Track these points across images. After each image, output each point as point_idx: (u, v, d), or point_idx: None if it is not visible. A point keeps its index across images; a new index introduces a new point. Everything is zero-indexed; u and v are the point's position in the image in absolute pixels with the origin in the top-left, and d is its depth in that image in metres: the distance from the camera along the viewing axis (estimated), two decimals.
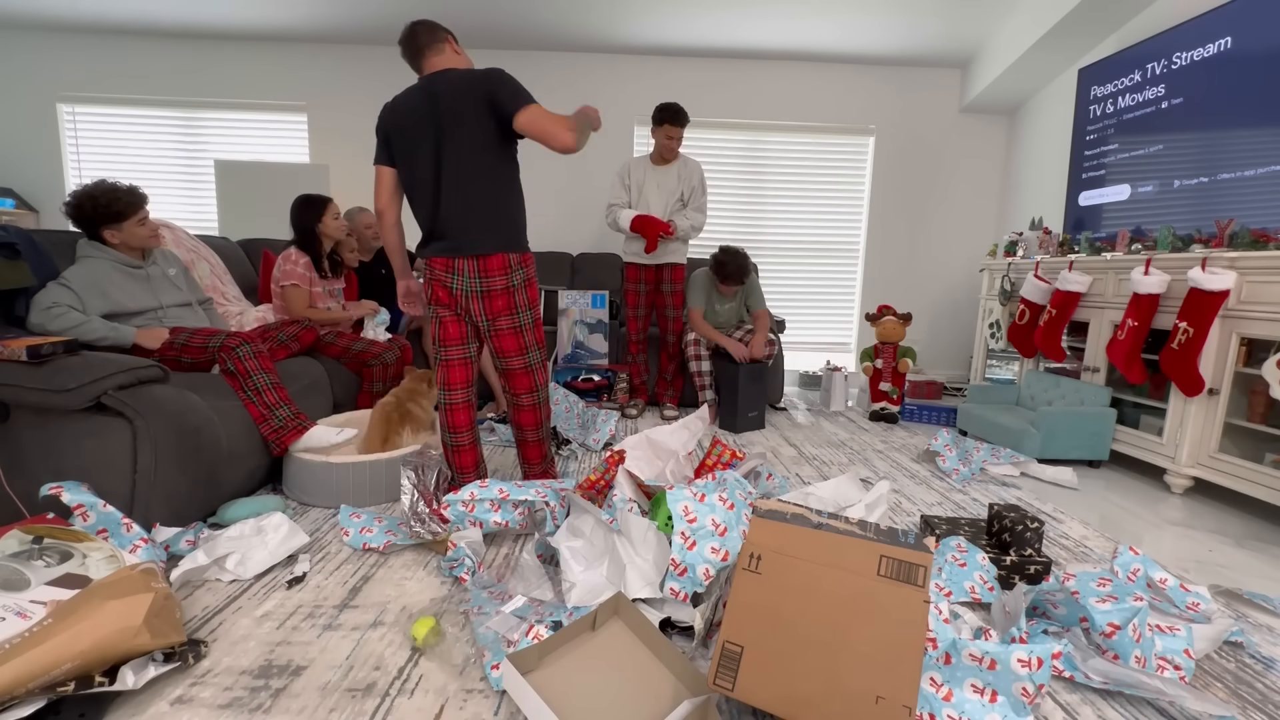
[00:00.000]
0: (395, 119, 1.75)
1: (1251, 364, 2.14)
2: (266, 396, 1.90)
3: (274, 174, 4.14)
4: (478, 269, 1.74)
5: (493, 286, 1.77)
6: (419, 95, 1.72)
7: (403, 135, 1.74)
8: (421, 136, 1.71)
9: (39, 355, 1.48)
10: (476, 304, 1.79)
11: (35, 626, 0.97)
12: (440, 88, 1.69)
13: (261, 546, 1.50)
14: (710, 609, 1.24)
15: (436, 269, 1.78)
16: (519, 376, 1.89)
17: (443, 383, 1.87)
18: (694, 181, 3.07)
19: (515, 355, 1.86)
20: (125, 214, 1.94)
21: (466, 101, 1.66)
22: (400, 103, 1.76)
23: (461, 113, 1.67)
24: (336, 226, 2.65)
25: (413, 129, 1.71)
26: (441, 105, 1.68)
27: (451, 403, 1.87)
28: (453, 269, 1.75)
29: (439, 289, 1.80)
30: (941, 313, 4.75)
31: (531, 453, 1.99)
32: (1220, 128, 2.64)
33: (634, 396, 3.37)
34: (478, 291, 1.77)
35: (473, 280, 1.75)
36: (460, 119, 1.67)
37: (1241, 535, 1.97)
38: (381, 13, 3.97)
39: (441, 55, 1.79)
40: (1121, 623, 1.19)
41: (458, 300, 1.80)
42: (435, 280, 1.80)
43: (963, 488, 2.32)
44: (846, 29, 4.01)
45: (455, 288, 1.77)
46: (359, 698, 1.07)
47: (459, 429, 1.89)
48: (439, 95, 1.69)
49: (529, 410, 1.94)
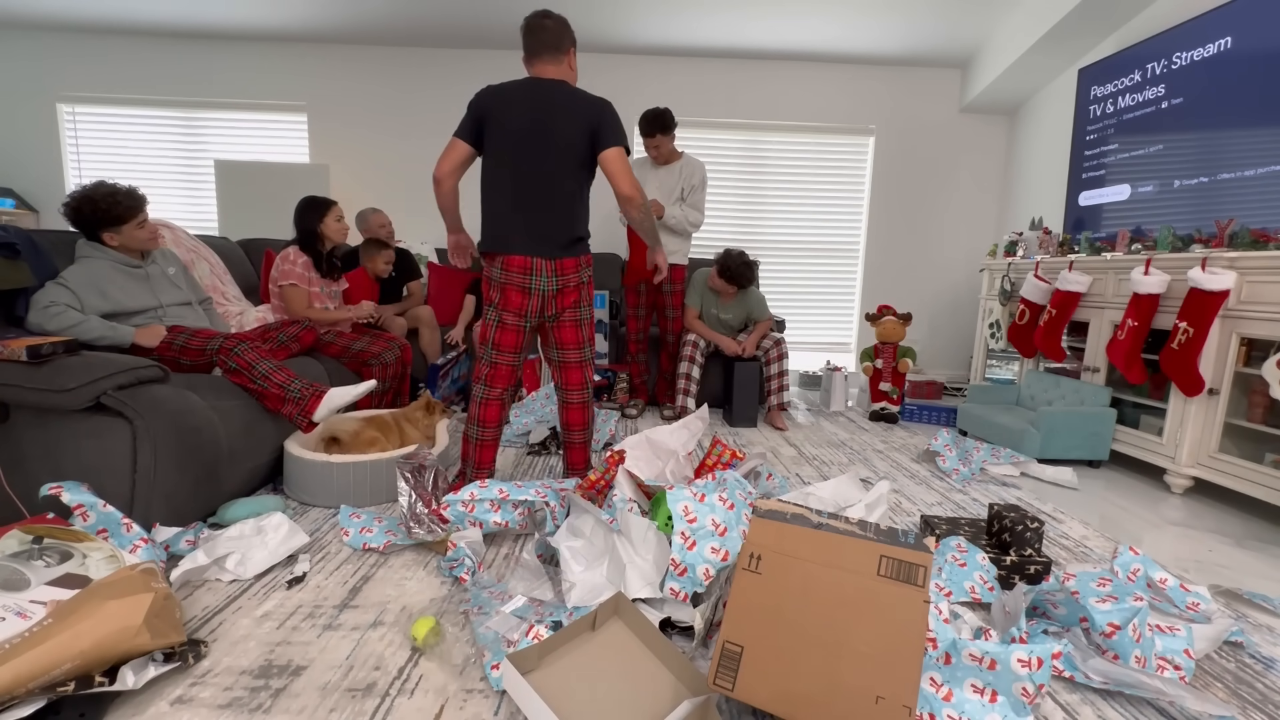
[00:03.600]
0: (501, 111, 1.78)
1: (1251, 364, 2.14)
2: (276, 378, 1.91)
3: (274, 174, 4.14)
4: (555, 269, 1.84)
5: (566, 284, 1.88)
6: (529, 100, 1.78)
7: (504, 131, 1.78)
8: (527, 140, 1.77)
9: (39, 355, 1.48)
10: (551, 302, 1.88)
11: (35, 626, 0.97)
12: (557, 101, 1.78)
13: (261, 546, 1.50)
14: (710, 609, 1.24)
15: (513, 269, 1.81)
16: (573, 370, 1.97)
17: (487, 379, 1.89)
18: (694, 180, 3.06)
19: (573, 348, 1.95)
20: (124, 217, 1.94)
21: (578, 126, 1.78)
22: (510, 97, 1.78)
23: (571, 134, 1.78)
24: (338, 229, 2.65)
25: (520, 129, 1.77)
26: (554, 120, 1.77)
27: (488, 398, 1.90)
28: (531, 269, 1.82)
29: (514, 293, 1.83)
30: (941, 313, 4.75)
31: (577, 456, 2.03)
32: (1220, 128, 2.64)
33: (634, 396, 3.37)
34: (553, 290, 1.86)
35: (550, 280, 1.85)
36: (568, 139, 1.78)
37: (1241, 535, 1.97)
38: (381, 13, 3.97)
39: (559, 66, 1.85)
40: (1121, 623, 1.19)
41: (530, 303, 1.85)
42: (510, 285, 1.83)
43: (963, 488, 2.32)
44: (846, 29, 4.01)
45: (532, 288, 1.84)
46: (359, 698, 1.07)
47: (488, 423, 1.91)
48: (554, 109, 1.78)
49: (578, 409, 1.99)
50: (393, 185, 4.45)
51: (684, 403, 3.11)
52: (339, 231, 2.66)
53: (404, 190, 4.45)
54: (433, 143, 4.48)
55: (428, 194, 4.52)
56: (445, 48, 4.39)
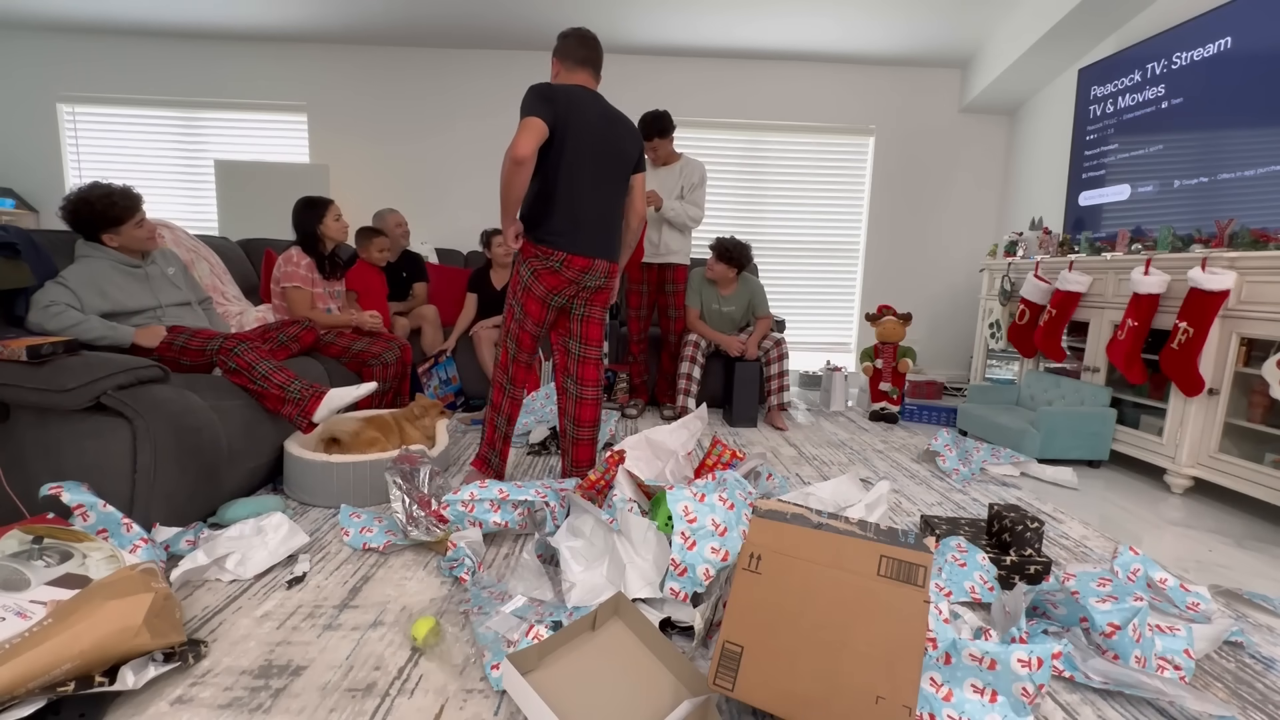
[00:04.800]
0: (580, 113, 1.80)
1: (1251, 364, 2.14)
2: (276, 379, 1.91)
3: (274, 174, 4.14)
4: (607, 271, 1.95)
5: (607, 286, 1.99)
6: (599, 111, 1.86)
7: (586, 132, 1.82)
8: (602, 147, 1.86)
9: (39, 355, 1.48)
10: (588, 296, 1.96)
11: (35, 626, 0.97)
12: (615, 119, 1.90)
13: (261, 546, 1.50)
14: (710, 609, 1.24)
15: (574, 267, 1.87)
16: (591, 366, 2.03)
17: (516, 338, 1.96)
18: (693, 179, 3.07)
19: (595, 344, 2.03)
20: (122, 218, 1.94)
21: (633, 147, 1.96)
22: (582, 102, 1.82)
23: (629, 152, 1.94)
24: (338, 228, 2.64)
25: (597, 136, 1.84)
26: (620, 136, 1.90)
27: (517, 359, 1.98)
28: (591, 269, 1.90)
29: (550, 278, 1.87)
30: (941, 313, 4.75)
31: (584, 453, 2.06)
32: (1220, 128, 2.64)
33: (634, 396, 3.37)
34: (599, 288, 1.96)
35: (599, 279, 1.94)
36: (629, 157, 1.94)
37: (1241, 535, 1.97)
38: (381, 13, 3.97)
39: (597, 80, 1.95)
40: (1121, 623, 1.19)
41: (564, 295, 1.92)
42: (561, 273, 1.86)
43: (963, 488, 2.32)
44: (846, 29, 4.01)
45: (583, 284, 1.91)
46: (359, 698, 1.07)
47: (517, 382, 2.00)
48: (619, 125, 1.91)
49: (591, 404, 2.04)
50: (393, 185, 4.45)
51: (685, 403, 3.11)
52: (339, 230, 2.65)
53: (404, 190, 4.46)
54: (433, 143, 4.49)
55: (428, 194, 4.57)
56: (445, 48, 4.39)
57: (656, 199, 2.98)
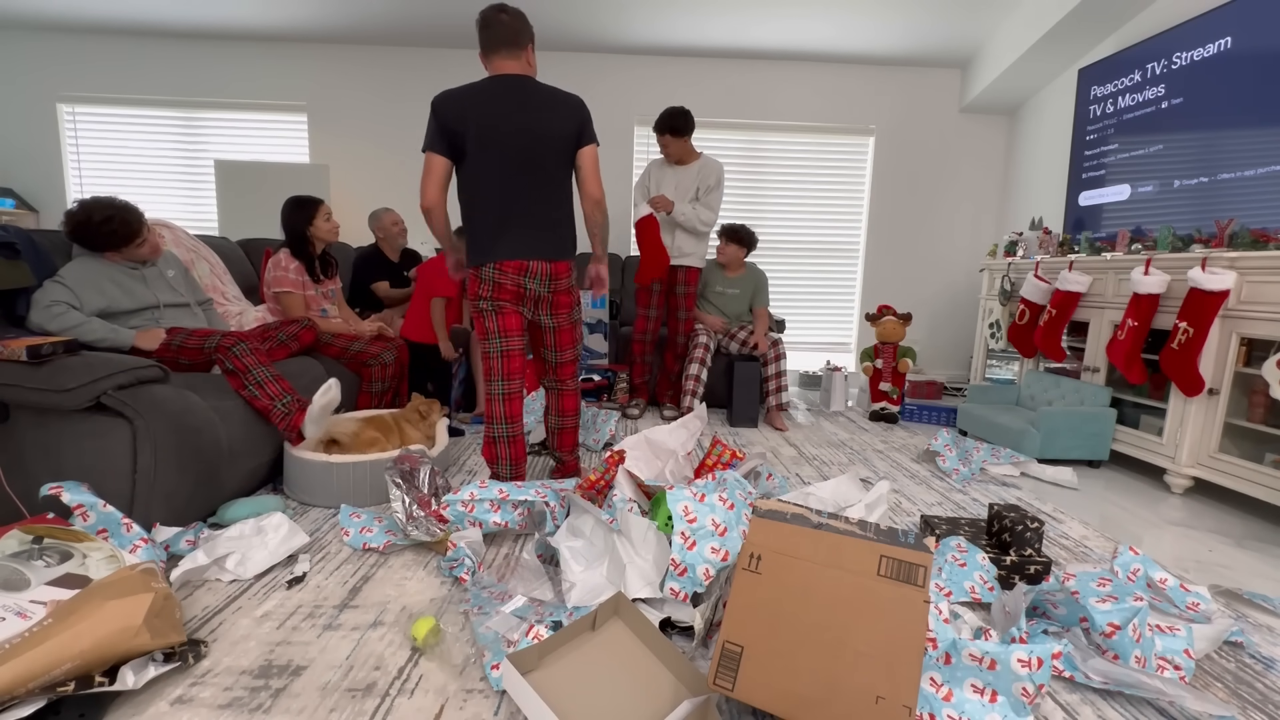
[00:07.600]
0: (479, 115, 1.71)
1: (1251, 364, 2.14)
2: (269, 388, 1.91)
3: (274, 174, 4.14)
4: (550, 273, 1.85)
5: (559, 289, 1.90)
6: (510, 99, 1.73)
7: (488, 135, 1.72)
8: (515, 140, 1.73)
9: (39, 355, 1.48)
10: (545, 305, 1.92)
11: (35, 626, 0.97)
12: (535, 99, 1.75)
13: (261, 546, 1.50)
14: (710, 609, 1.24)
15: (508, 271, 1.80)
16: (568, 367, 2.08)
17: (503, 372, 1.88)
18: (710, 181, 3.03)
19: (569, 349, 2.04)
20: (120, 245, 1.94)
21: (565, 122, 1.78)
22: (485, 99, 1.72)
23: (562, 131, 1.77)
24: (329, 228, 2.56)
25: (500, 129, 1.72)
26: (538, 116, 1.74)
27: (509, 392, 1.91)
28: (526, 271, 1.82)
29: (507, 287, 1.83)
30: (941, 313, 4.75)
31: (567, 440, 2.14)
32: (1220, 128, 2.64)
33: (634, 396, 3.37)
34: (547, 294, 1.89)
35: (544, 283, 1.86)
36: (561, 136, 1.78)
37: (1241, 535, 1.97)
38: (381, 13, 3.96)
39: (519, 61, 1.79)
40: (1121, 623, 1.19)
41: (524, 298, 1.87)
42: (503, 281, 1.81)
43: (963, 488, 2.32)
44: (847, 29, 4.01)
45: (528, 289, 1.85)
46: (359, 698, 1.07)
47: (514, 419, 1.92)
48: (540, 106, 1.75)
49: (572, 394, 2.11)
50: (393, 185, 4.44)
51: (689, 403, 3.12)
52: (330, 231, 2.56)
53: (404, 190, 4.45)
54: None
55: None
56: (445, 48, 4.39)
57: (667, 203, 2.96)
